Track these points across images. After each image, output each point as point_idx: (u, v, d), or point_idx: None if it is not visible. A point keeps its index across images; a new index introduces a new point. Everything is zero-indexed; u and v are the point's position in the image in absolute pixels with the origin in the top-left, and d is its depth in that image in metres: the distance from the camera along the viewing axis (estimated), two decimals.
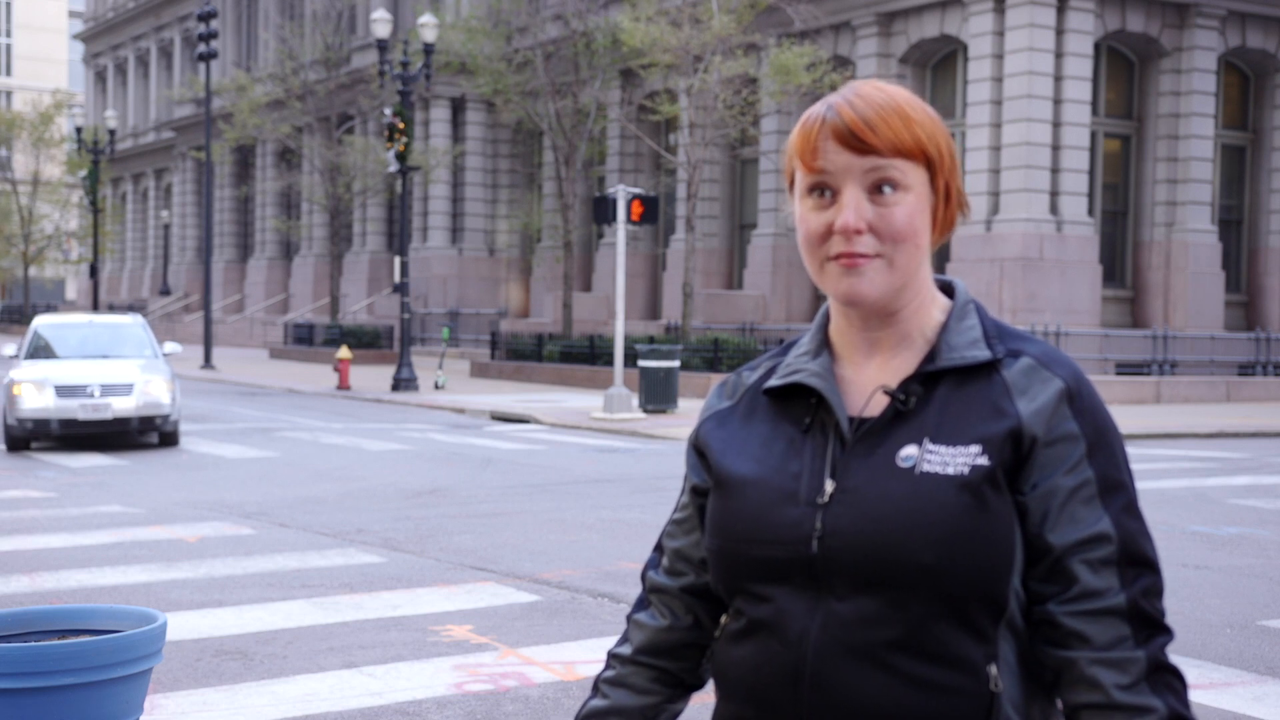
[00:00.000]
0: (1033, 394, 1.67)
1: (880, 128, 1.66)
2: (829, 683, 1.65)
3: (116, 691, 3.43)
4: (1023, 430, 1.65)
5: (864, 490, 1.66)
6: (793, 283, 34.50)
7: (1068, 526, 1.65)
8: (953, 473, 1.63)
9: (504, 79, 34.98)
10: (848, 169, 1.67)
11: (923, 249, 1.70)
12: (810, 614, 1.67)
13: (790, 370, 1.78)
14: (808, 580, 1.67)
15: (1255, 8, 31.51)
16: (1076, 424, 1.66)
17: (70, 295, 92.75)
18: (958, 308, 1.76)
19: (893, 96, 1.69)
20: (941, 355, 1.71)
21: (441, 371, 29.27)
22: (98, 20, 73.10)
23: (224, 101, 49.54)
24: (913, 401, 1.70)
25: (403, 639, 7.27)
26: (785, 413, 1.77)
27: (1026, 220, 28.60)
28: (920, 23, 31.41)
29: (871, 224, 1.67)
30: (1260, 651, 7.14)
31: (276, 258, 56.20)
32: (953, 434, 1.66)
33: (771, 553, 1.69)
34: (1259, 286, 33.08)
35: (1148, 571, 1.67)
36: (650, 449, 17.98)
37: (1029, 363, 1.70)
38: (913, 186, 1.68)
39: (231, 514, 11.79)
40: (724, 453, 1.79)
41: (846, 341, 1.77)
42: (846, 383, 1.75)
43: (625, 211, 22.70)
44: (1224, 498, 13.29)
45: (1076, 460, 1.65)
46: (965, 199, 1.76)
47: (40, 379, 16.88)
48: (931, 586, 1.62)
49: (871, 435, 1.69)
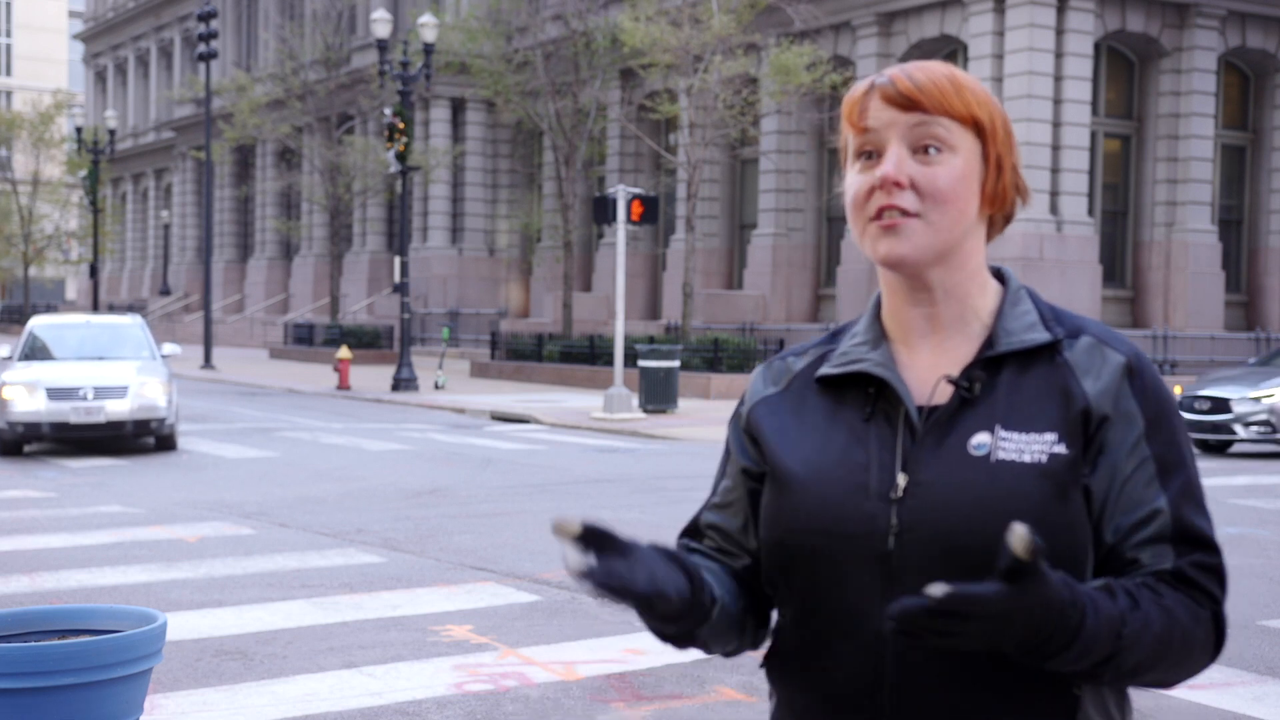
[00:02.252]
0: (1097, 372, 1.65)
1: (928, 88, 1.64)
2: (914, 686, 1.61)
3: (116, 691, 3.43)
4: (1091, 410, 1.63)
5: (940, 482, 1.62)
6: (793, 283, 34.51)
7: (1125, 510, 1.62)
8: (1030, 460, 1.60)
9: (504, 79, 34.99)
10: (892, 124, 1.65)
11: (967, 216, 1.67)
12: (884, 615, 1.60)
13: (849, 359, 1.73)
14: (881, 578, 1.63)
15: (1255, 8, 31.52)
16: (1137, 402, 1.64)
17: (70, 295, 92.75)
18: (1011, 293, 1.73)
19: (949, 68, 1.68)
20: (1000, 340, 1.67)
21: (441, 371, 29.27)
22: (98, 20, 73.10)
23: (224, 101, 49.54)
24: (978, 388, 1.66)
25: (403, 639, 7.27)
26: (841, 401, 1.72)
27: (1026, 220, 28.60)
28: (920, 23, 31.41)
29: (914, 180, 1.63)
30: (1260, 651, 7.14)
31: (276, 258, 56.19)
32: (1025, 420, 1.63)
33: (841, 547, 1.65)
34: (1259, 286, 33.08)
35: (1204, 549, 1.63)
36: (650, 449, 17.97)
37: (1089, 341, 1.68)
38: (959, 149, 1.65)
39: (231, 514, 11.79)
40: (780, 443, 1.73)
41: (900, 322, 1.73)
42: (905, 369, 1.71)
43: (625, 211, 22.70)
44: (1224, 498, 13.28)
45: (1135, 440, 1.63)
46: (1024, 184, 1.72)
47: (31, 381, 16.44)
48: None
49: (940, 425, 1.65)
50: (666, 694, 6.25)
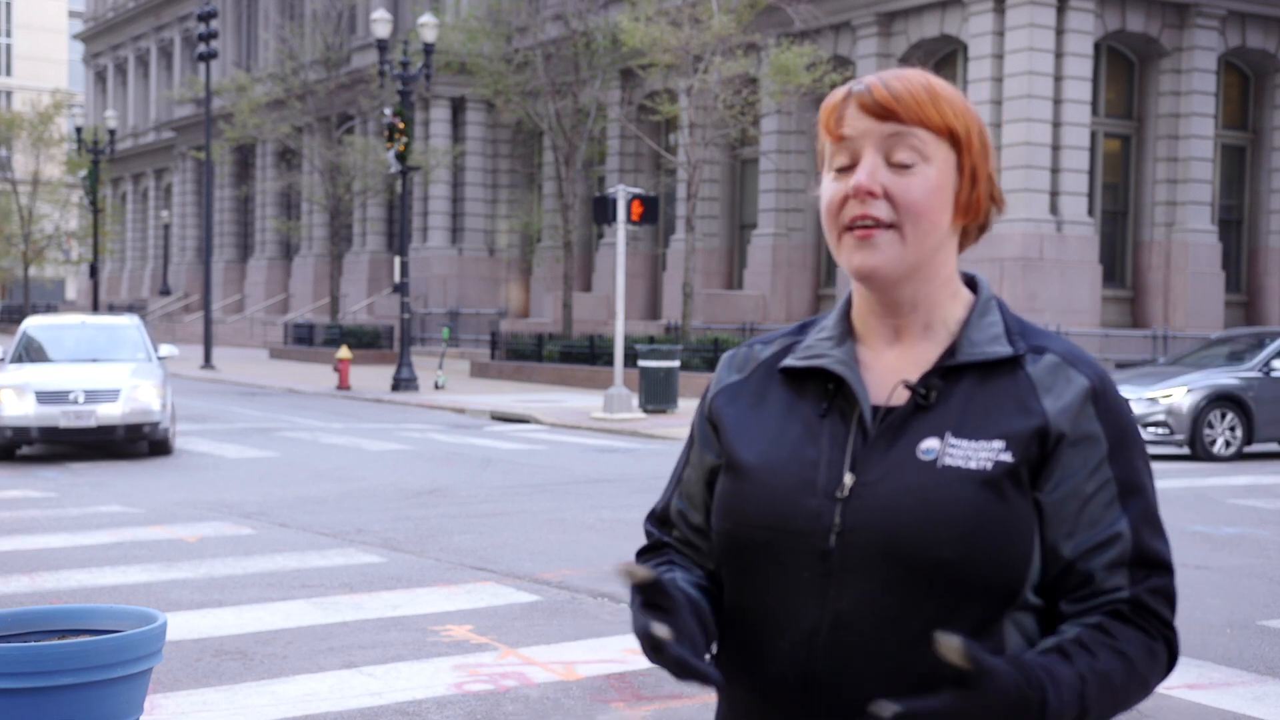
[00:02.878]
0: (1058, 392, 1.65)
1: (905, 99, 1.65)
2: (844, 683, 1.63)
3: (116, 691, 3.43)
4: (1049, 428, 1.63)
5: (884, 483, 1.63)
6: (793, 283, 34.51)
7: (1085, 531, 1.63)
8: (975, 467, 1.61)
9: (504, 79, 34.99)
10: (867, 133, 1.66)
11: (940, 229, 1.68)
12: (820, 612, 1.64)
13: (813, 353, 1.75)
14: (820, 575, 1.64)
15: (1255, 8, 31.51)
16: (1100, 425, 1.65)
17: (70, 295, 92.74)
18: (980, 303, 1.73)
19: (927, 77, 1.68)
20: (962, 350, 1.68)
21: (441, 371, 29.27)
22: (98, 20, 73.10)
23: (224, 101, 49.54)
24: (933, 395, 1.67)
25: (403, 639, 7.27)
26: (801, 394, 1.74)
27: (1026, 220, 28.60)
28: (920, 23, 31.41)
29: (887, 189, 1.64)
30: (1260, 651, 7.14)
31: (276, 258, 56.19)
32: (976, 429, 1.64)
33: (785, 542, 1.66)
34: (1259, 286, 33.07)
35: (1159, 572, 1.65)
36: (650, 449, 17.97)
37: (1054, 360, 1.68)
38: (934, 160, 1.66)
39: (231, 514, 11.79)
40: (737, 431, 1.75)
41: (868, 328, 1.74)
42: (866, 369, 1.72)
43: (625, 211, 22.70)
44: (1224, 498, 13.29)
45: (1098, 462, 1.64)
46: (1000, 193, 1.73)
47: (21, 384, 15.96)
48: (949, 582, 1.59)
49: (892, 428, 1.67)
50: (666, 694, 6.25)
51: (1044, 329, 1.75)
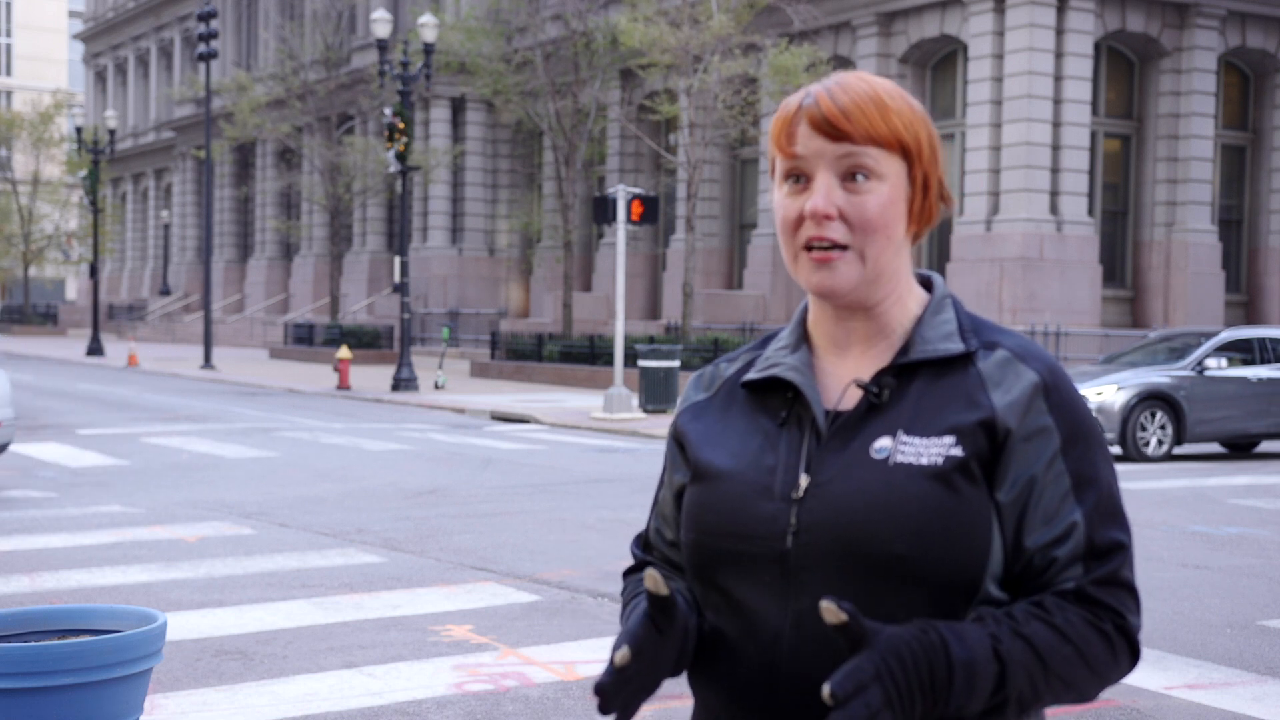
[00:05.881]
0: (1007, 386, 1.66)
1: (855, 116, 1.65)
2: (810, 685, 1.64)
3: (116, 691, 3.43)
4: (996, 422, 1.64)
5: (837, 483, 1.65)
6: (793, 283, 34.48)
7: (1042, 526, 1.64)
8: (926, 463, 1.63)
9: (504, 79, 35.00)
10: (820, 154, 1.66)
11: (895, 240, 1.69)
12: (782, 614, 1.66)
13: (769, 364, 1.77)
14: (779, 577, 1.66)
15: (1255, 8, 31.52)
16: (1052, 418, 1.66)
17: (70, 295, 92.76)
18: (934, 301, 1.75)
19: (874, 86, 1.68)
20: (915, 348, 1.70)
21: (441, 371, 29.28)
22: (98, 20, 73.10)
23: (224, 101, 49.54)
24: (886, 394, 1.69)
25: (403, 639, 7.27)
26: (763, 406, 1.76)
27: (1026, 220, 28.60)
28: (920, 23, 31.41)
29: (842, 210, 1.66)
30: (1260, 651, 7.14)
31: (276, 258, 56.19)
32: (927, 426, 1.65)
33: (745, 548, 1.68)
34: (1259, 286, 33.07)
35: (1111, 556, 1.65)
36: (650, 449, 17.98)
37: (1004, 355, 1.69)
38: (887, 176, 1.67)
39: (231, 514, 11.79)
40: (700, 445, 1.78)
41: (824, 334, 1.76)
42: (824, 375, 1.75)
43: (625, 211, 22.70)
44: (1224, 498, 13.29)
45: (1051, 456, 1.65)
46: (948, 192, 1.75)
47: None
48: (905, 578, 1.61)
49: (846, 429, 1.69)
50: (666, 694, 6.24)
51: (999, 325, 1.76)
